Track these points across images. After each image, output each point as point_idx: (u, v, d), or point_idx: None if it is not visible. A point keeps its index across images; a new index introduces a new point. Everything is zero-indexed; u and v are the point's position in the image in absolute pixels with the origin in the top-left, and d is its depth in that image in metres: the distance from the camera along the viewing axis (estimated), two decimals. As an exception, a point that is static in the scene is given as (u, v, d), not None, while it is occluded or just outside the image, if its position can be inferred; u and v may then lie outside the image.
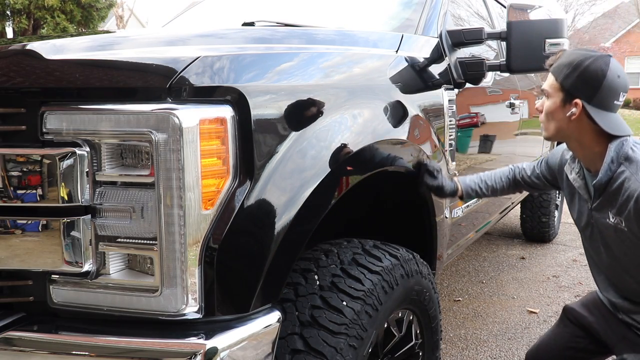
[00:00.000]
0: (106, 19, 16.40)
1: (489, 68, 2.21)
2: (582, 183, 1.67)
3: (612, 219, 1.58)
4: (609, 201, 1.58)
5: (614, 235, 1.60)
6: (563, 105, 1.56)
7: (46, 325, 1.19)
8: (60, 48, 1.28)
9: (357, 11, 2.53)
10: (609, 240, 1.63)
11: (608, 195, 1.57)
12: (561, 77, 1.56)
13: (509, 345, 2.90)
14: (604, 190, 1.58)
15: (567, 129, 1.58)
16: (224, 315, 1.19)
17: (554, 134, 1.62)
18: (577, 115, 1.54)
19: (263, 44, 1.50)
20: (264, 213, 1.22)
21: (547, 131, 1.64)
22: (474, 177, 2.04)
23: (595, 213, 1.64)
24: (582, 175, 1.67)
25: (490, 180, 2.03)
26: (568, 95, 1.55)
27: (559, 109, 1.57)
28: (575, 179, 1.69)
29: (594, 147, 1.58)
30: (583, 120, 1.54)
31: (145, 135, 1.10)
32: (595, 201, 1.62)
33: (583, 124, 1.55)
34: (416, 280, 1.67)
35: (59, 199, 1.13)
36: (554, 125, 1.60)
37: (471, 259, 4.42)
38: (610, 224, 1.59)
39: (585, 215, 1.69)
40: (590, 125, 1.54)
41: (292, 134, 1.30)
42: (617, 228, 1.57)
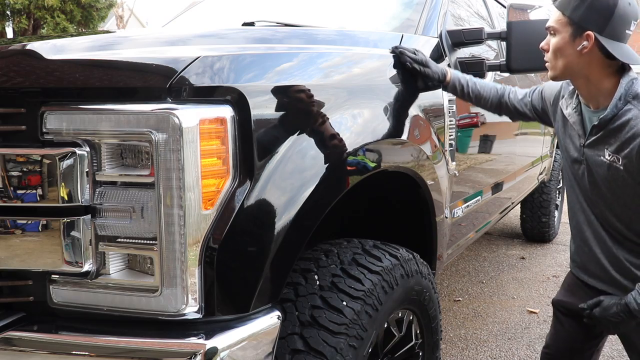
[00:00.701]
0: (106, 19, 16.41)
1: (489, 68, 2.21)
2: (578, 119, 1.62)
3: (607, 156, 1.53)
4: (606, 138, 1.53)
5: (605, 173, 1.56)
6: (573, 39, 1.49)
7: (46, 325, 1.19)
8: (61, 48, 1.28)
9: (357, 11, 2.53)
10: (597, 177, 1.59)
11: (608, 132, 1.52)
12: (569, 10, 1.48)
13: (509, 345, 2.90)
14: (604, 126, 1.52)
15: (576, 65, 1.51)
16: (224, 315, 1.19)
17: (562, 72, 1.55)
18: (589, 48, 1.47)
19: (263, 44, 1.50)
20: (264, 213, 1.22)
21: (555, 70, 1.57)
22: (465, 75, 1.96)
23: (587, 150, 1.60)
24: (579, 111, 1.62)
25: (480, 85, 1.95)
26: (578, 29, 1.47)
27: (568, 44, 1.50)
28: (571, 114, 1.64)
29: (601, 83, 1.52)
30: (594, 53, 1.48)
31: (145, 135, 1.10)
32: (591, 138, 1.57)
33: (594, 58, 1.49)
34: (416, 280, 1.67)
35: (59, 199, 1.13)
36: (563, 62, 1.53)
37: (471, 259, 4.42)
38: (603, 161, 1.54)
39: (576, 151, 1.65)
40: (601, 58, 1.48)
41: (292, 134, 1.30)
42: (611, 166, 1.53)
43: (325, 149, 1.36)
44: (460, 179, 2.34)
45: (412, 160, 1.78)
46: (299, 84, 1.36)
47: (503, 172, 3.12)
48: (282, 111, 1.28)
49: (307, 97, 1.36)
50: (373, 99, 1.63)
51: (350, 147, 1.44)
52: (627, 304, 1.52)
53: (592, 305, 1.62)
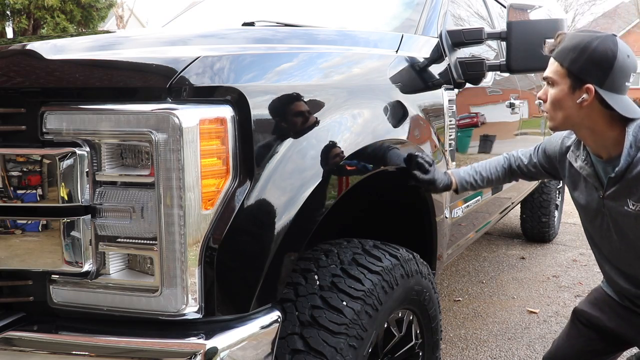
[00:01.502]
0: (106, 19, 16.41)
1: (489, 68, 2.21)
2: (591, 171, 1.58)
3: (632, 206, 1.49)
4: (627, 188, 1.48)
5: (633, 223, 1.51)
6: (572, 91, 1.46)
7: (46, 325, 1.18)
8: (61, 48, 1.28)
9: (357, 11, 2.53)
10: (625, 228, 1.55)
11: (626, 182, 1.48)
12: (567, 61, 1.46)
13: (509, 345, 2.90)
14: (621, 178, 1.49)
15: (577, 117, 1.49)
16: (224, 315, 1.19)
17: (562, 123, 1.53)
18: (589, 101, 1.44)
19: (264, 44, 1.50)
20: (264, 213, 1.22)
21: (554, 121, 1.54)
22: (467, 169, 1.95)
23: (608, 202, 1.55)
24: (590, 163, 1.58)
25: (485, 171, 1.95)
26: (577, 81, 1.45)
27: (567, 96, 1.47)
28: (583, 167, 1.60)
29: (606, 133, 1.49)
30: (594, 105, 1.45)
31: (145, 135, 1.10)
32: (610, 189, 1.53)
33: (594, 110, 1.46)
34: (416, 280, 1.67)
35: (59, 199, 1.13)
36: (563, 114, 1.50)
37: (471, 259, 4.42)
38: (629, 211, 1.50)
39: (594, 203, 1.60)
40: (602, 110, 1.46)
41: (292, 134, 1.30)
42: (638, 215, 1.49)
43: (325, 149, 1.36)
44: (460, 179, 2.34)
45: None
46: (299, 84, 1.36)
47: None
48: (282, 111, 1.28)
49: (307, 97, 1.36)
50: (373, 99, 1.63)
51: (350, 147, 1.44)
52: None
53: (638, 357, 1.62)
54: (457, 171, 1.93)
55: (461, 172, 1.92)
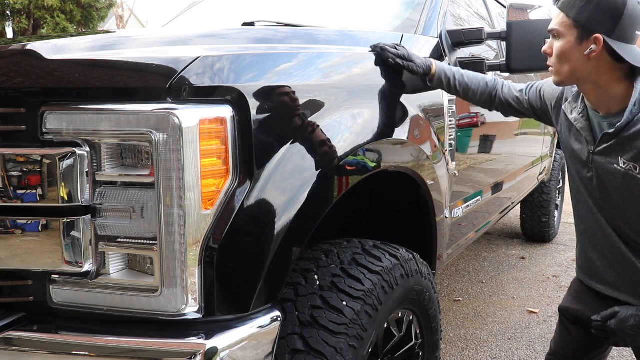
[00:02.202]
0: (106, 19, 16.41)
1: (489, 68, 2.21)
2: (586, 124, 1.53)
3: (622, 164, 1.44)
4: (620, 146, 1.44)
5: (619, 182, 1.47)
6: (579, 43, 1.39)
7: (46, 325, 1.19)
8: (61, 48, 1.28)
9: (357, 11, 2.53)
10: (609, 186, 1.50)
11: (622, 139, 1.42)
12: (574, 11, 1.39)
13: (509, 345, 2.90)
14: (617, 135, 1.43)
15: (584, 70, 1.42)
16: (224, 315, 1.19)
17: (568, 77, 1.46)
18: (597, 52, 1.38)
19: (265, 44, 1.50)
20: (264, 213, 1.22)
21: (559, 75, 1.47)
22: (452, 67, 1.87)
23: (598, 157, 1.50)
24: (586, 116, 1.53)
25: (468, 77, 1.85)
26: (584, 31, 1.38)
27: (574, 47, 1.40)
28: (578, 119, 1.55)
29: (612, 88, 1.43)
30: (602, 57, 1.39)
31: (145, 135, 1.10)
32: (602, 145, 1.48)
33: (602, 62, 1.40)
34: (416, 280, 1.67)
35: (59, 199, 1.13)
36: (569, 66, 1.43)
37: (471, 259, 4.42)
38: (618, 169, 1.45)
39: (584, 157, 1.56)
40: (610, 62, 1.39)
41: (292, 134, 1.30)
42: (627, 174, 1.44)
43: (325, 149, 1.36)
44: (460, 179, 2.34)
45: (412, 160, 1.78)
46: (299, 84, 1.36)
47: (503, 172, 3.12)
48: (282, 111, 1.28)
49: (307, 97, 1.36)
50: (373, 99, 1.63)
51: (350, 147, 1.44)
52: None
53: (606, 317, 1.52)
54: (442, 64, 1.86)
55: (445, 65, 1.85)
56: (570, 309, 1.76)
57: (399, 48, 1.74)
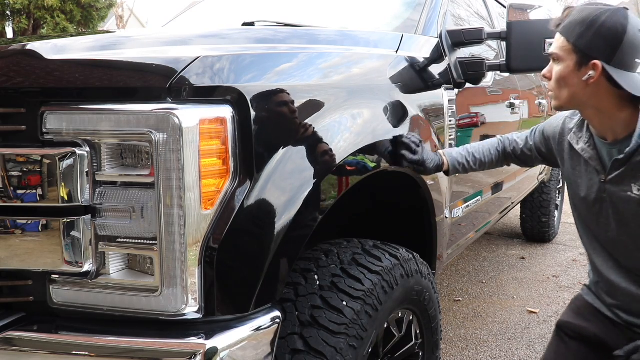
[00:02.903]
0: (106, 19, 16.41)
1: (489, 68, 2.21)
2: (594, 154, 1.50)
3: (636, 191, 1.41)
4: (633, 172, 1.41)
5: (635, 209, 1.44)
6: (578, 68, 1.38)
7: (46, 325, 1.19)
8: (61, 48, 1.28)
9: (357, 11, 2.53)
10: (626, 214, 1.47)
11: (633, 165, 1.40)
12: (574, 36, 1.37)
13: (509, 345, 2.90)
14: (627, 161, 1.41)
15: (582, 95, 1.41)
16: (224, 315, 1.19)
17: (567, 102, 1.44)
18: (596, 78, 1.36)
19: (265, 44, 1.50)
20: (264, 213, 1.22)
21: (559, 100, 1.46)
22: (460, 150, 1.87)
23: (610, 186, 1.47)
24: (593, 145, 1.50)
25: (479, 153, 1.86)
26: (584, 57, 1.37)
27: (572, 73, 1.39)
28: (585, 149, 1.52)
29: (614, 114, 1.41)
30: (601, 83, 1.37)
31: (145, 135, 1.10)
32: (613, 172, 1.45)
33: (601, 88, 1.38)
34: (416, 280, 1.67)
35: (59, 199, 1.13)
36: (568, 92, 1.42)
37: (471, 259, 4.42)
38: (632, 197, 1.43)
39: (594, 189, 1.52)
40: (610, 88, 1.37)
41: (291, 134, 1.30)
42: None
43: (325, 149, 1.36)
44: (460, 179, 2.34)
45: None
46: (299, 84, 1.36)
47: (503, 172, 3.12)
48: (282, 111, 1.28)
49: (307, 97, 1.36)
50: (373, 99, 1.63)
51: (350, 148, 1.44)
52: None
53: (630, 352, 1.46)
54: (450, 151, 1.87)
55: (453, 153, 1.86)
56: (572, 324, 1.70)
57: (417, 150, 1.68)
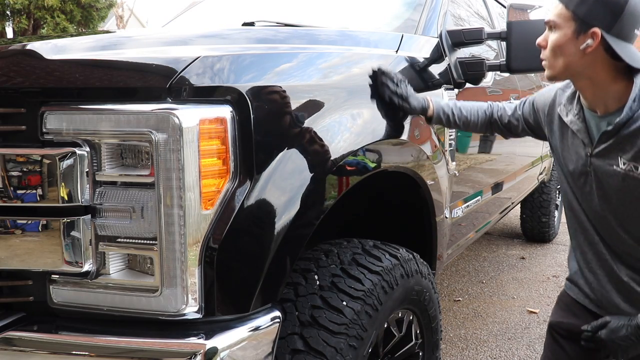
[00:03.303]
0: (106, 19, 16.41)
1: (489, 68, 2.21)
2: (583, 126, 1.47)
3: (622, 165, 1.39)
4: (620, 145, 1.38)
5: (619, 184, 1.41)
6: (576, 36, 1.35)
7: (46, 325, 1.19)
8: (61, 48, 1.28)
9: (357, 11, 2.53)
10: (609, 189, 1.44)
11: (621, 138, 1.37)
12: (574, 3, 1.34)
13: (509, 345, 2.90)
14: (616, 133, 1.38)
15: (578, 65, 1.37)
16: (224, 315, 1.19)
17: (562, 72, 1.41)
18: (594, 47, 1.33)
19: (266, 44, 1.50)
20: (264, 213, 1.22)
21: (553, 69, 1.42)
22: (449, 103, 1.84)
23: (596, 160, 1.45)
24: (582, 118, 1.48)
25: (466, 110, 1.82)
26: (582, 25, 1.33)
27: (570, 41, 1.36)
28: (574, 121, 1.49)
29: (608, 85, 1.38)
30: (598, 53, 1.34)
31: (145, 135, 1.10)
32: (600, 146, 1.43)
33: (598, 58, 1.35)
34: (416, 280, 1.67)
35: (59, 199, 1.13)
36: (563, 61, 1.39)
37: (471, 259, 4.42)
38: (617, 170, 1.40)
39: (580, 162, 1.50)
40: (606, 59, 1.35)
41: (291, 134, 1.30)
42: (627, 175, 1.39)
43: (325, 149, 1.36)
44: (460, 179, 2.34)
45: (412, 161, 1.78)
46: (299, 84, 1.36)
47: (503, 172, 3.12)
48: (282, 111, 1.28)
49: (307, 97, 1.36)
50: (373, 98, 1.63)
51: (350, 148, 1.44)
52: (638, 326, 1.37)
53: (597, 327, 1.45)
54: (438, 100, 1.85)
55: (442, 102, 1.83)
56: (563, 323, 1.68)
57: (400, 84, 1.66)
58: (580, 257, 1.61)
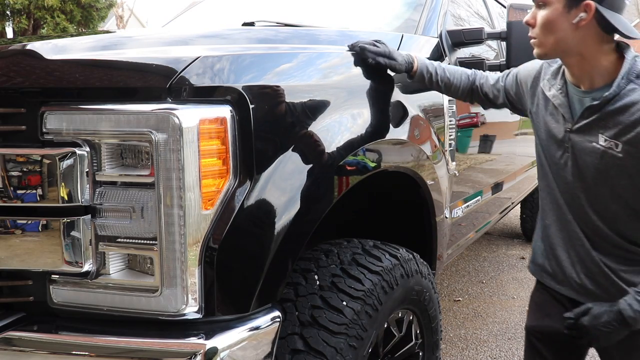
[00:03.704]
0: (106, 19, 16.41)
1: (489, 68, 2.21)
2: (565, 100, 1.44)
3: (602, 142, 1.35)
4: (602, 121, 1.35)
5: (596, 162, 1.38)
6: (567, 10, 1.30)
7: (46, 325, 1.19)
8: (61, 48, 1.28)
9: (357, 11, 2.53)
10: (584, 167, 1.41)
11: (605, 114, 1.34)
12: None
13: (509, 345, 2.90)
14: (600, 109, 1.35)
15: (570, 40, 1.33)
16: (224, 315, 1.19)
17: (553, 49, 1.36)
18: (587, 20, 1.29)
19: (266, 44, 1.50)
20: (264, 213, 1.22)
21: (544, 47, 1.37)
22: (434, 62, 1.79)
23: (575, 135, 1.41)
24: (565, 92, 1.44)
25: (450, 72, 1.78)
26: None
27: (561, 16, 1.31)
28: (556, 95, 1.46)
29: (598, 60, 1.34)
30: (591, 27, 1.30)
31: (145, 135, 1.10)
32: (582, 121, 1.39)
33: (590, 32, 1.31)
34: (416, 280, 1.67)
35: (59, 199, 1.13)
36: (554, 37, 1.34)
37: (471, 259, 4.42)
38: (596, 147, 1.37)
39: (559, 137, 1.47)
40: (599, 32, 1.31)
41: (291, 134, 1.30)
42: (606, 153, 1.35)
43: (324, 149, 1.36)
44: (460, 179, 2.34)
45: (412, 160, 1.78)
46: (299, 84, 1.36)
47: (503, 172, 3.12)
48: (282, 111, 1.28)
49: (307, 97, 1.36)
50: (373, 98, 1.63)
51: (350, 147, 1.44)
52: (620, 312, 1.34)
53: (579, 314, 1.41)
54: (423, 58, 1.80)
55: (426, 61, 1.79)
56: (537, 326, 1.64)
57: (379, 45, 1.65)
58: (553, 234, 1.57)
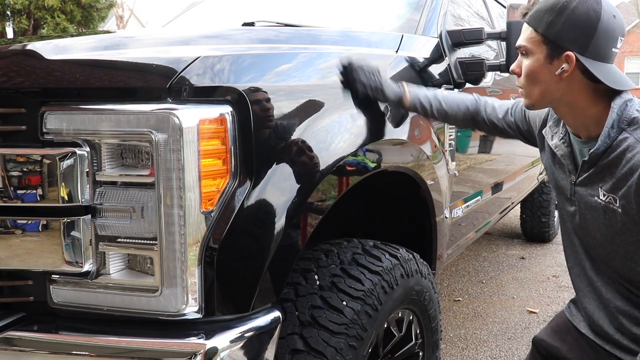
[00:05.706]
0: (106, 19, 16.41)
1: (489, 68, 2.21)
2: (567, 151, 1.38)
3: (602, 197, 1.29)
4: (600, 175, 1.29)
5: (601, 218, 1.31)
6: (549, 61, 1.25)
7: (46, 325, 1.19)
8: (61, 48, 1.28)
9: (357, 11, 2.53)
10: (592, 223, 1.34)
11: (601, 167, 1.28)
12: (543, 26, 1.24)
13: (509, 345, 2.90)
14: (597, 160, 1.28)
15: (556, 91, 1.28)
16: (224, 315, 1.19)
17: (540, 100, 1.31)
18: (570, 71, 1.24)
19: (267, 44, 1.50)
20: (264, 213, 1.22)
21: (530, 97, 1.32)
22: (427, 92, 1.68)
23: (579, 188, 1.35)
24: (568, 142, 1.38)
25: (446, 103, 1.67)
26: (555, 48, 1.24)
27: (544, 67, 1.26)
28: (559, 145, 1.40)
29: (588, 109, 1.28)
30: (576, 77, 1.25)
31: (146, 135, 1.10)
32: (582, 174, 1.33)
33: (575, 82, 1.26)
34: (416, 280, 1.67)
35: (59, 199, 1.13)
36: (540, 88, 1.29)
37: (471, 259, 4.42)
38: (598, 202, 1.30)
39: (567, 189, 1.41)
40: (585, 82, 1.25)
41: (291, 134, 1.30)
42: (607, 208, 1.29)
43: (324, 149, 1.36)
44: (460, 179, 2.34)
45: (412, 161, 1.78)
46: (299, 84, 1.36)
47: (503, 172, 3.12)
48: (281, 111, 1.28)
49: (307, 97, 1.36)
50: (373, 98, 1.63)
51: (350, 148, 1.44)
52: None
53: None
54: (416, 90, 1.68)
55: (419, 92, 1.67)
56: (546, 343, 1.59)
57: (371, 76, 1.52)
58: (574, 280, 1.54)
